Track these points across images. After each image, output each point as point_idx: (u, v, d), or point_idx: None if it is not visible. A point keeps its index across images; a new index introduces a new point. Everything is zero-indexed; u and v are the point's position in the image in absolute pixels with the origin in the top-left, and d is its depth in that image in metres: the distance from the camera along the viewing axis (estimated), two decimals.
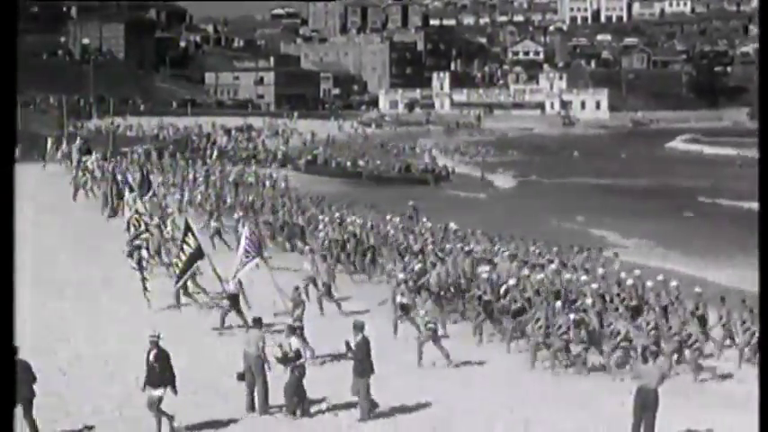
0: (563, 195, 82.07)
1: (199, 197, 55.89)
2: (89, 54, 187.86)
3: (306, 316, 26.72)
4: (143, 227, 32.53)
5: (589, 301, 28.62)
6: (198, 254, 30.44)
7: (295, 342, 22.17)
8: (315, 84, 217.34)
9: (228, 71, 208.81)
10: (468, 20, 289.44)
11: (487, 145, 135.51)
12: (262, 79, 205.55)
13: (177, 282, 31.09)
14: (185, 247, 30.54)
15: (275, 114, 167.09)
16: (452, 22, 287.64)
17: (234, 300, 29.41)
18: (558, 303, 27.61)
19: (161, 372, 20.18)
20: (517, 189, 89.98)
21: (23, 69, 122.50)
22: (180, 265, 30.81)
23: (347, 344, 21.99)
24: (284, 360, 21.79)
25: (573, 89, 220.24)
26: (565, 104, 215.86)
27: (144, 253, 32.07)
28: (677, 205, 73.08)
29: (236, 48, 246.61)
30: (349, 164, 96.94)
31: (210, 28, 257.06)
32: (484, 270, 32.18)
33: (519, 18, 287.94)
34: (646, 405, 20.00)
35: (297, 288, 27.40)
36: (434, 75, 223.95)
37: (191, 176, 65.69)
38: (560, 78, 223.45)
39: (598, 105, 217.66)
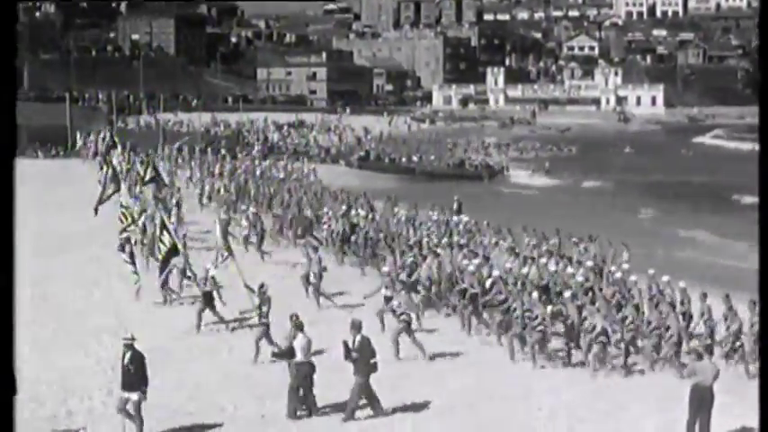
0: (620, 192, 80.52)
1: (222, 190, 55.50)
2: (139, 50, 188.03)
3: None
4: (129, 220, 32.69)
5: (568, 294, 28.38)
6: (173, 251, 30.85)
7: (300, 337, 21.72)
8: (368, 79, 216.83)
9: (280, 67, 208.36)
10: (523, 15, 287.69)
11: (542, 141, 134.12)
12: (314, 75, 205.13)
13: (159, 276, 31.44)
14: (160, 245, 31.07)
15: (327, 110, 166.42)
16: (506, 17, 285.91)
17: (207, 298, 29.24)
18: (535, 295, 27.12)
19: (135, 374, 19.87)
20: (570, 185, 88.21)
21: (73, 66, 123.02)
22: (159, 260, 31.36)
23: (345, 345, 21.36)
24: (279, 355, 22.02)
25: (628, 85, 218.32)
26: (620, 100, 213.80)
27: (132, 246, 32.35)
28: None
29: (288, 43, 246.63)
30: (403, 160, 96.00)
31: (262, 23, 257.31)
32: (472, 263, 31.83)
33: (574, 13, 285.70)
34: (702, 403, 19.64)
35: (262, 285, 26.79)
36: (488, 70, 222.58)
37: (216, 170, 65.52)
38: (615, 74, 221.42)
39: (654, 101, 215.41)
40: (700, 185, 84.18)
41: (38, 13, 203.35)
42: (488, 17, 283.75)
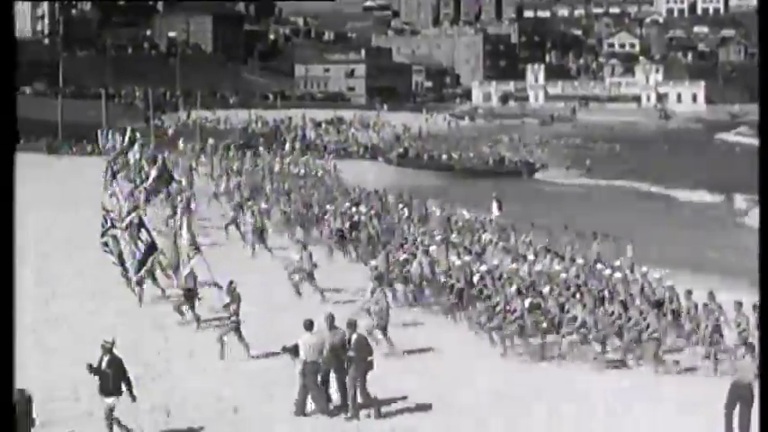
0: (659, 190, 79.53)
1: (240, 185, 54.91)
2: (175, 47, 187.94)
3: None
4: (109, 223, 32.51)
5: (546, 288, 28.71)
6: (153, 247, 30.96)
7: (306, 336, 21.32)
8: (406, 76, 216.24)
9: (319, 64, 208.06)
10: (563, 12, 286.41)
11: (582, 138, 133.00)
12: (352, 72, 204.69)
13: (136, 274, 31.31)
14: (139, 242, 31.06)
15: (365, 107, 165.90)
16: (547, 13, 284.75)
17: (188, 294, 28.89)
18: (513, 288, 27.53)
19: (114, 379, 19.22)
20: (610, 182, 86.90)
21: (108, 63, 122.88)
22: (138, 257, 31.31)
23: (284, 349, 21.73)
24: (286, 350, 21.66)
25: (669, 82, 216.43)
26: (661, 97, 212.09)
27: (120, 247, 32.02)
28: None
29: (326, 40, 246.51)
30: (442, 157, 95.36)
31: (300, 21, 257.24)
32: (460, 259, 32.37)
33: (615, 10, 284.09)
34: (743, 400, 19.54)
35: (231, 283, 26.22)
36: (528, 67, 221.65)
37: (235, 167, 65.45)
38: (656, 71, 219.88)
39: (695, 98, 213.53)
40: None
41: (74, 11, 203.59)
42: (528, 14, 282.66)
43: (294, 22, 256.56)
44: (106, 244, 32.28)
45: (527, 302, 26.91)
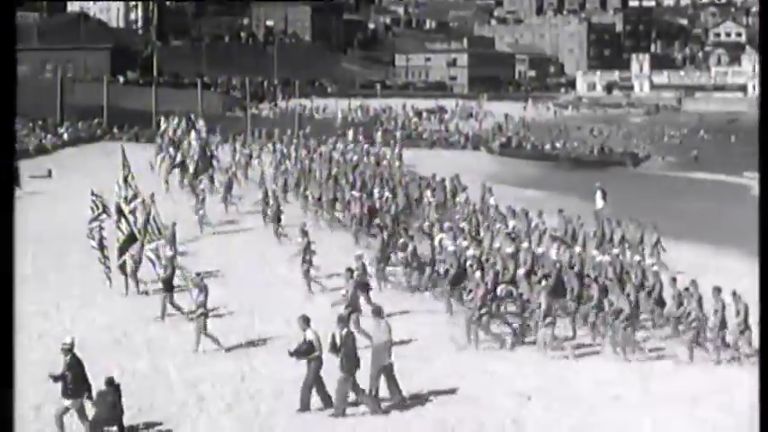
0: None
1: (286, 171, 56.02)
2: (273, 36, 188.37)
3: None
4: (101, 209, 32.51)
5: (522, 271, 29.18)
6: (131, 239, 31.46)
7: (309, 333, 21.12)
8: (510, 66, 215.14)
9: (420, 53, 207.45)
10: (669, 1, 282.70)
11: (688, 127, 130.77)
12: (454, 61, 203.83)
13: (118, 260, 31.72)
14: (118, 233, 31.65)
15: (467, 96, 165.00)
16: (652, 3, 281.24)
17: (167, 285, 28.85)
18: (478, 274, 27.28)
19: (74, 382, 18.97)
20: (716, 174, 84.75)
21: (204, 52, 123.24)
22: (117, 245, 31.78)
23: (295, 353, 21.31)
24: (296, 353, 21.17)
25: None
26: None
27: (101, 235, 32.26)
28: None
29: (427, 29, 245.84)
30: (546, 146, 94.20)
31: (401, 10, 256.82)
32: (453, 244, 32.73)
33: None
34: None
35: (198, 274, 26.98)
36: (633, 56, 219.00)
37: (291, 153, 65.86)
38: None
39: None
40: None
41: (168, 2, 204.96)
42: (633, 3, 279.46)
43: (395, 11, 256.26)
44: (92, 230, 32.29)
45: (501, 289, 27.24)
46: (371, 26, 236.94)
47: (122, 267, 31.72)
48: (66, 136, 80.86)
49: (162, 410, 21.29)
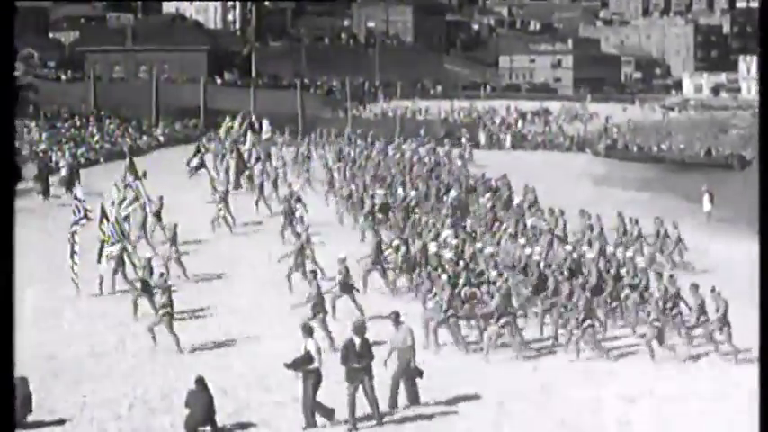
0: None
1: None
2: (374, 37, 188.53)
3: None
4: (82, 212, 33.06)
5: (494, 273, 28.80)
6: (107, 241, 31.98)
7: (310, 344, 20.41)
8: (615, 67, 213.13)
9: (524, 54, 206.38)
10: None
11: None
12: (559, 62, 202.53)
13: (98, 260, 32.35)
14: (99, 233, 32.30)
15: (572, 98, 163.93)
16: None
17: (144, 285, 28.87)
18: (444, 276, 27.34)
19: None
20: None
21: (303, 53, 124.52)
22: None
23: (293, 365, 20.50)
24: (294, 365, 20.32)
25: None
26: None
27: (74, 240, 32.57)
28: None
29: (531, 31, 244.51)
30: (652, 148, 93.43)
31: (505, 11, 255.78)
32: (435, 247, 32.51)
33: None
34: None
35: (162, 274, 27.32)
36: (740, 58, 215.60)
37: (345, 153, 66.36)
38: None
39: None
40: None
41: (267, 2, 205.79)
42: (741, 4, 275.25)
43: (498, 12, 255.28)
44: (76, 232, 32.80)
45: (464, 292, 27.00)
46: (475, 27, 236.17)
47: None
48: (161, 137, 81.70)
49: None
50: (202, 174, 50.98)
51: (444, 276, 27.20)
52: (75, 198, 33.87)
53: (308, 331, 20.74)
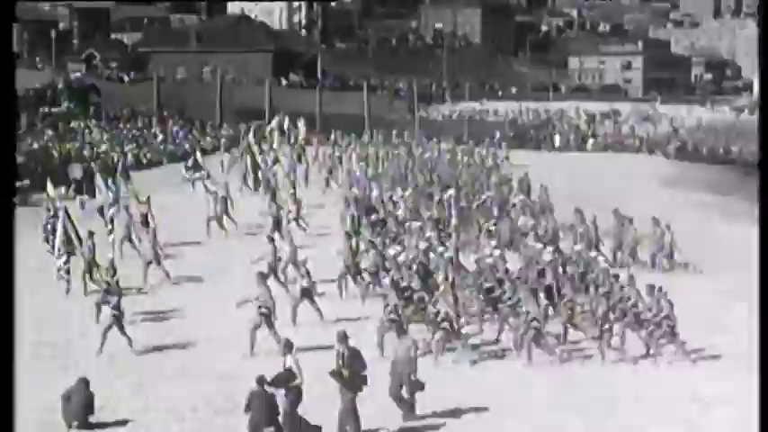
0: None
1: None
2: (442, 39, 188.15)
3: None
4: (52, 211, 33.27)
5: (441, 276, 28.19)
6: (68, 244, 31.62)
7: (289, 360, 19.54)
8: (686, 69, 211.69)
9: (593, 55, 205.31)
10: None
11: None
12: (629, 64, 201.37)
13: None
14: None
15: (641, 99, 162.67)
16: None
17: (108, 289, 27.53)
18: (387, 279, 27.31)
19: None
20: None
21: (370, 55, 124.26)
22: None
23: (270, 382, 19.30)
24: (274, 382, 19.14)
25: None
26: None
27: (52, 237, 32.73)
28: None
29: (601, 32, 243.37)
30: (721, 150, 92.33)
31: (574, 12, 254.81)
32: (394, 250, 31.97)
33: None
34: None
35: (114, 274, 26.75)
36: None
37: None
38: None
39: None
40: None
41: (333, 3, 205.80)
42: None
43: (567, 13, 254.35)
44: (51, 233, 32.91)
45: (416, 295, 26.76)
46: (544, 28, 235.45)
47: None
48: (224, 138, 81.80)
49: None
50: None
51: (387, 279, 27.12)
52: (48, 196, 34.24)
53: (289, 347, 19.88)
